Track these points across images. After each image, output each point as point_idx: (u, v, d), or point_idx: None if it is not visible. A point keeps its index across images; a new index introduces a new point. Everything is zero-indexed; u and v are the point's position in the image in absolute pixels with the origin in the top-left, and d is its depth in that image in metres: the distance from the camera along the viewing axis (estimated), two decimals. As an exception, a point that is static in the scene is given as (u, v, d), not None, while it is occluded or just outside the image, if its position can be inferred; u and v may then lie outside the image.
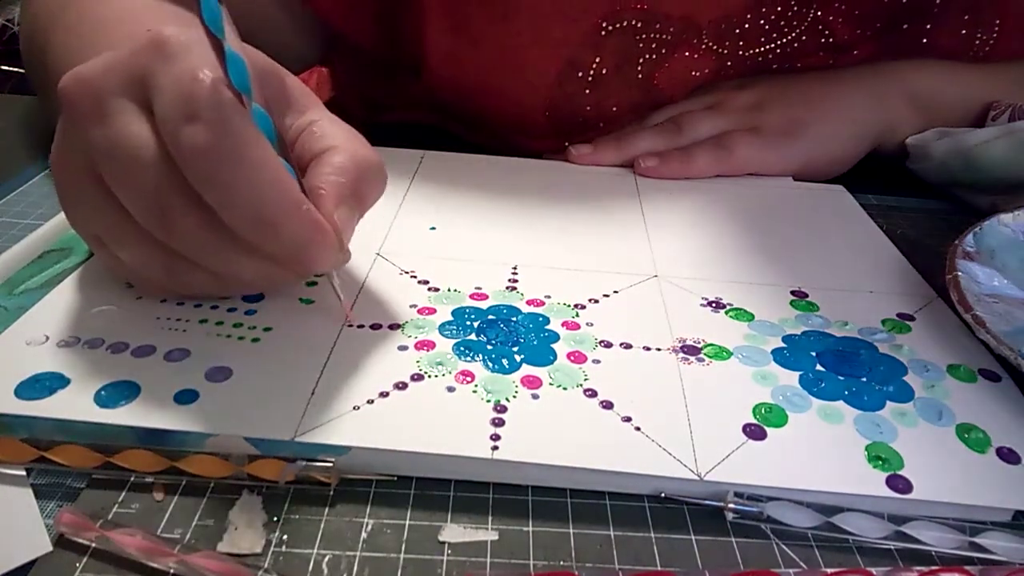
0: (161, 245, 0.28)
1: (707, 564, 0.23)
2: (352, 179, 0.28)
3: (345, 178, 0.28)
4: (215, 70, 0.25)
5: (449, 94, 0.51)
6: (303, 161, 0.29)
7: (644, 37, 0.47)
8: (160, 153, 0.26)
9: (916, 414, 0.28)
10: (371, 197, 0.30)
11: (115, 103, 0.26)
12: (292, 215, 0.26)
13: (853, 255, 0.39)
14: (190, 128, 0.24)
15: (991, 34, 0.49)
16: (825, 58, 0.50)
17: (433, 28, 0.47)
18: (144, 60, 0.26)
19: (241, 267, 0.28)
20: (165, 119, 0.25)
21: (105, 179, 0.27)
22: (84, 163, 0.27)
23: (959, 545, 0.24)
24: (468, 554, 0.23)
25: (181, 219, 0.26)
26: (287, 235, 0.26)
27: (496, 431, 0.26)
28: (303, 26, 0.50)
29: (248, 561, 0.22)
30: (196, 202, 0.26)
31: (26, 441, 0.25)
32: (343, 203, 0.28)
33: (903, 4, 0.48)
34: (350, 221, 0.28)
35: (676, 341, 0.31)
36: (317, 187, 0.28)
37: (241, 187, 0.25)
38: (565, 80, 0.48)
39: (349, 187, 0.28)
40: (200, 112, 0.24)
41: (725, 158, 0.47)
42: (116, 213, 0.27)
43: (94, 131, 0.26)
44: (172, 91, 0.25)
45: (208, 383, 0.27)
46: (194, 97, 0.24)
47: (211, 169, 0.25)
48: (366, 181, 0.29)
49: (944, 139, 0.47)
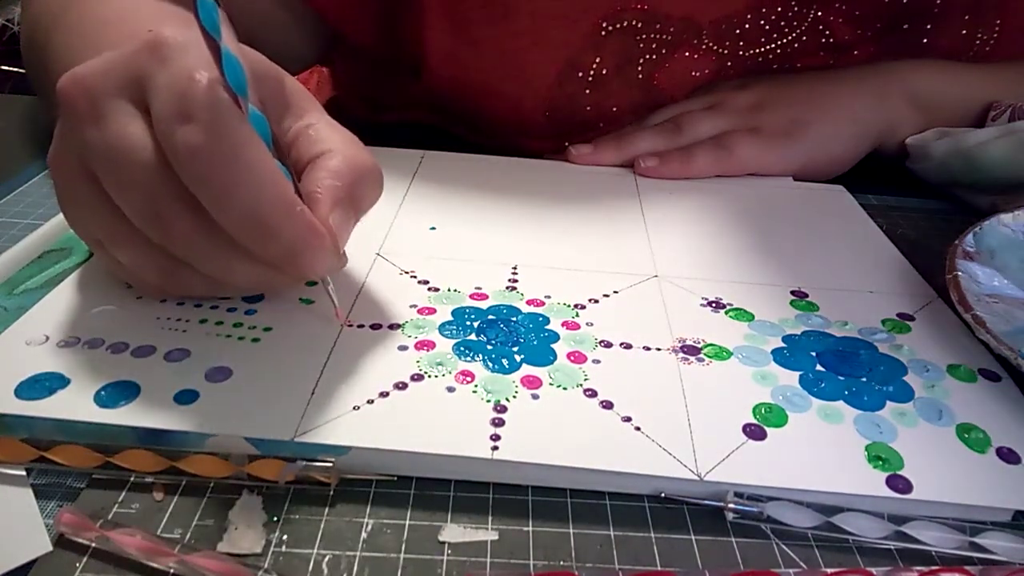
0: (157, 247, 0.28)
1: (707, 564, 0.23)
2: (348, 183, 0.28)
3: (341, 182, 0.28)
4: (211, 71, 0.25)
5: (449, 94, 0.51)
6: (299, 165, 0.29)
7: (644, 37, 0.47)
8: (156, 155, 0.26)
9: (916, 414, 0.28)
10: (367, 201, 0.30)
11: (112, 104, 0.26)
12: (287, 217, 0.25)
13: (853, 255, 0.39)
14: (185, 128, 0.24)
15: (991, 34, 0.49)
16: (825, 58, 0.50)
17: (433, 28, 0.47)
18: (141, 61, 0.26)
19: (236, 271, 0.28)
20: (160, 119, 0.25)
21: (102, 180, 0.27)
22: (81, 164, 0.27)
23: (959, 545, 0.24)
24: (468, 554, 0.23)
25: (176, 222, 0.26)
26: (282, 238, 0.26)
27: (496, 431, 0.26)
28: (304, 25, 0.50)
29: (248, 561, 0.22)
30: (191, 205, 0.26)
31: (26, 441, 0.25)
32: (338, 207, 0.28)
33: (903, 4, 0.48)
34: (346, 225, 0.28)
35: (676, 341, 0.31)
36: (313, 191, 0.27)
37: (235, 188, 0.25)
38: (565, 80, 0.48)
39: (345, 191, 0.28)
40: (195, 112, 0.24)
41: (725, 158, 0.47)
42: (113, 215, 0.27)
43: (90, 132, 0.26)
44: (168, 91, 0.25)
45: (208, 383, 0.27)
46: (189, 97, 0.24)
47: (205, 170, 0.25)
48: (362, 185, 0.29)
49: (944, 139, 0.47)
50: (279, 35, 0.49)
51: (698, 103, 0.51)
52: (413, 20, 0.48)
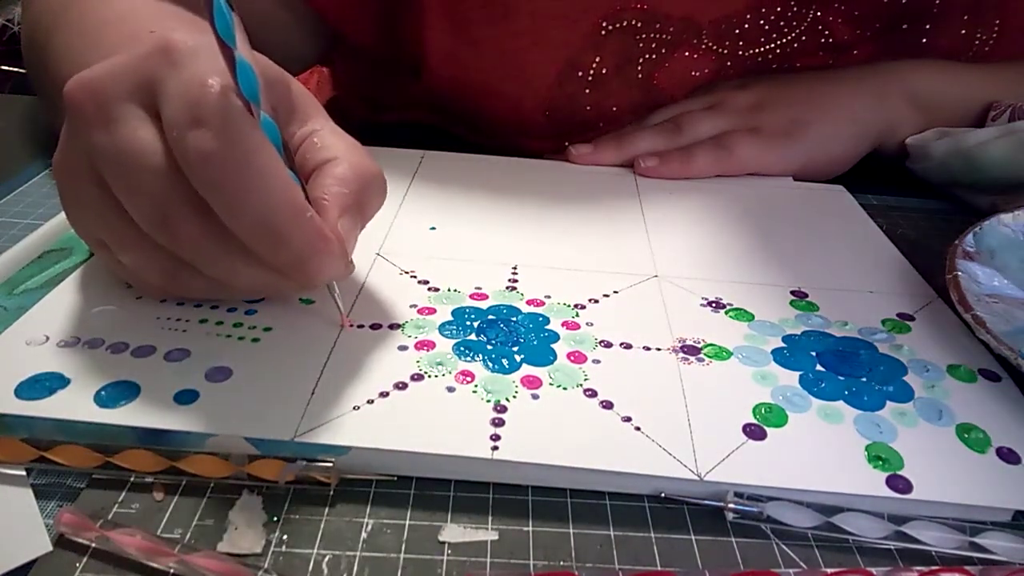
0: (163, 250, 0.28)
1: (707, 564, 0.23)
2: (354, 190, 0.28)
3: (348, 189, 0.28)
4: (224, 77, 0.25)
5: (449, 94, 0.51)
6: (304, 171, 0.29)
7: (644, 37, 0.47)
8: (166, 160, 0.26)
9: (916, 414, 0.28)
10: (372, 208, 0.30)
11: (122, 108, 0.26)
12: (297, 224, 0.25)
13: (853, 255, 0.39)
14: (197, 133, 0.24)
15: (991, 34, 0.49)
16: (825, 58, 0.50)
17: (433, 28, 0.47)
18: (152, 65, 0.26)
19: (243, 276, 0.28)
20: (172, 124, 0.25)
21: (110, 184, 0.27)
22: (88, 167, 0.27)
23: (959, 545, 0.24)
24: (468, 554, 0.23)
25: (185, 226, 0.26)
26: (292, 244, 0.26)
27: (496, 431, 0.26)
28: (304, 25, 0.50)
29: (248, 561, 0.22)
30: (201, 209, 0.26)
31: (26, 441, 0.25)
32: (346, 214, 0.28)
33: (902, 4, 0.48)
34: (353, 231, 0.28)
35: (676, 341, 0.31)
36: (320, 197, 0.28)
37: (247, 194, 0.25)
38: (565, 80, 0.48)
39: (352, 198, 0.28)
40: (208, 118, 0.24)
41: (725, 158, 0.47)
42: (119, 218, 0.27)
43: (99, 136, 0.26)
44: (180, 97, 0.25)
45: (208, 383, 0.27)
46: (202, 103, 0.24)
47: (218, 175, 0.25)
48: (368, 192, 0.29)
49: (944, 139, 0.47)
50: (280, 35, 0.49)
51: (698, 103, 0.51)
52: (413, 20, 0.48)
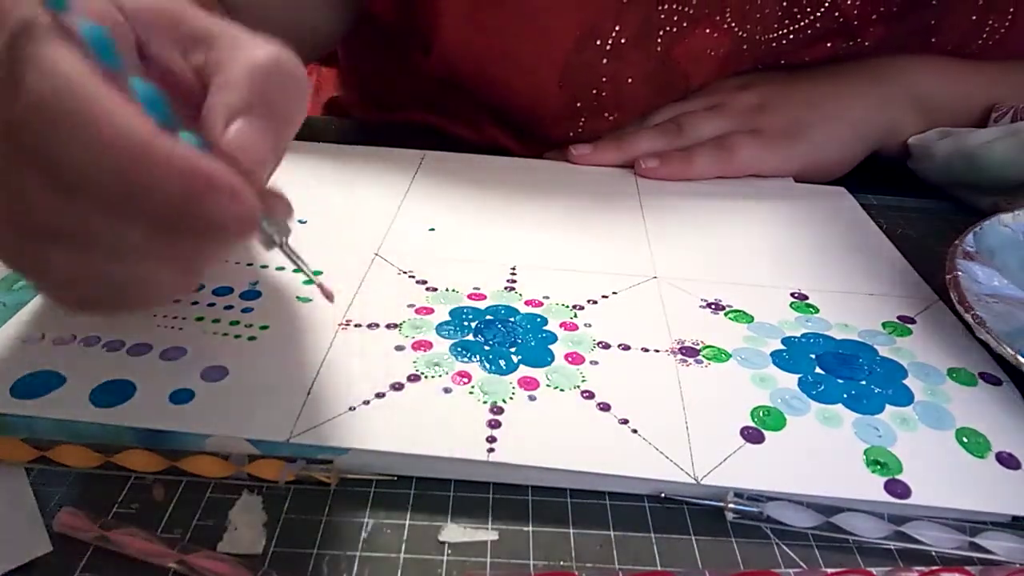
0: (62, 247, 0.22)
1: (707, 564, 0.23)
2: (246, 87, 0.22)
3: (236, 90, 0.22)
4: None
5: (460, 64, 0.50)
6: None
7: (666, 8, 0.46)
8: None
9: (916, 418, 0.28)
10: (283, 104, 0.23)
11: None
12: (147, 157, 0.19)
13: (854, 257, 0.39)
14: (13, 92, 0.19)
15: (1004, 22, 0.48)
16: (835, 47, 0.49)
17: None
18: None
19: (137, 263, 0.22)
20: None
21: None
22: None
23: (959, 545, 0.24)
24: (468, 554, 0.23)
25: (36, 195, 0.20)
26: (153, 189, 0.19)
27: (492, 433, 0.26)
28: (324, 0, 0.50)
29: (248, 561, 0.22)
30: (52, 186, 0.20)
31: (26, 441, 0.25)
32: (239, 116, 0.22)
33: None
34: (253, 137, 0.22)
35: (675, 343, 0.31)
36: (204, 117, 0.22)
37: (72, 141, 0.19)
38: (583, 46, 0.46)
39: (244, 99, 0.22)
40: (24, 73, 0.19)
41: (726, 159, 0.47)
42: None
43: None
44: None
45: (204, 382, 0.27)
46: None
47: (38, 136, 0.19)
48: (269, 85, 0.22)
49: (946, 139, 0.47)
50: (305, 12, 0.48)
51: (699, 104, 0.50)
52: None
